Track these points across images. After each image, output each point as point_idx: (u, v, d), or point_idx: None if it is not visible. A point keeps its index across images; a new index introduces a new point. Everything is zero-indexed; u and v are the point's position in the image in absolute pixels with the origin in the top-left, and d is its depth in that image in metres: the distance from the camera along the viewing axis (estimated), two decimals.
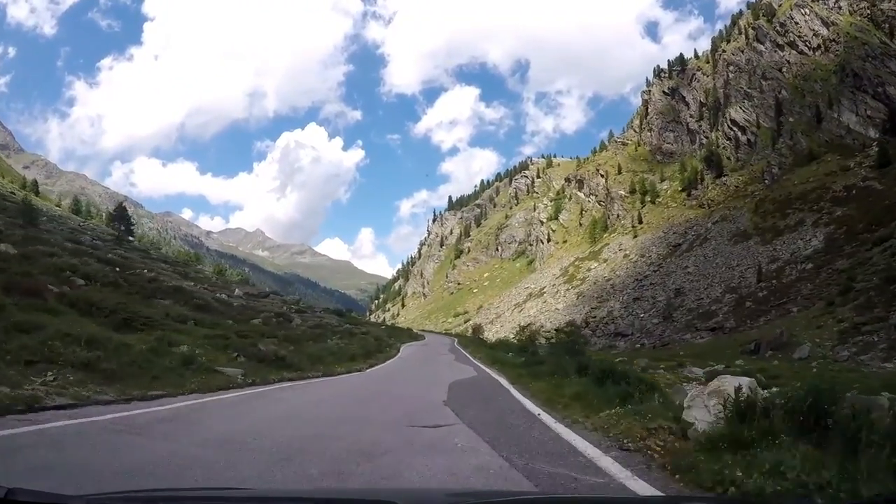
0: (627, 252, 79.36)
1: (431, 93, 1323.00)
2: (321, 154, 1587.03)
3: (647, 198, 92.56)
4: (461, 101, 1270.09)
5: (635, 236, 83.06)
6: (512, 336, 69.51)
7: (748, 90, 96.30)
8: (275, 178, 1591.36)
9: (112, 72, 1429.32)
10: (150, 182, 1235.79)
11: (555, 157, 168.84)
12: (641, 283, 67.22)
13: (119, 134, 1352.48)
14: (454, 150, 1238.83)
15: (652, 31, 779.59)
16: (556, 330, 31.07)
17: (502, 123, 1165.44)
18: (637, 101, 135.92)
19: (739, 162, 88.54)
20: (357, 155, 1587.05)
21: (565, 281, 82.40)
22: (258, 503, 2.23)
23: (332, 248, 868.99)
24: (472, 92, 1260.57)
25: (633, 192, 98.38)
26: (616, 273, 74.83)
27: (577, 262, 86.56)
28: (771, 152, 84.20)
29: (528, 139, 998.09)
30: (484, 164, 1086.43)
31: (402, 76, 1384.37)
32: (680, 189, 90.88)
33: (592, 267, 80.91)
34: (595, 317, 64.25)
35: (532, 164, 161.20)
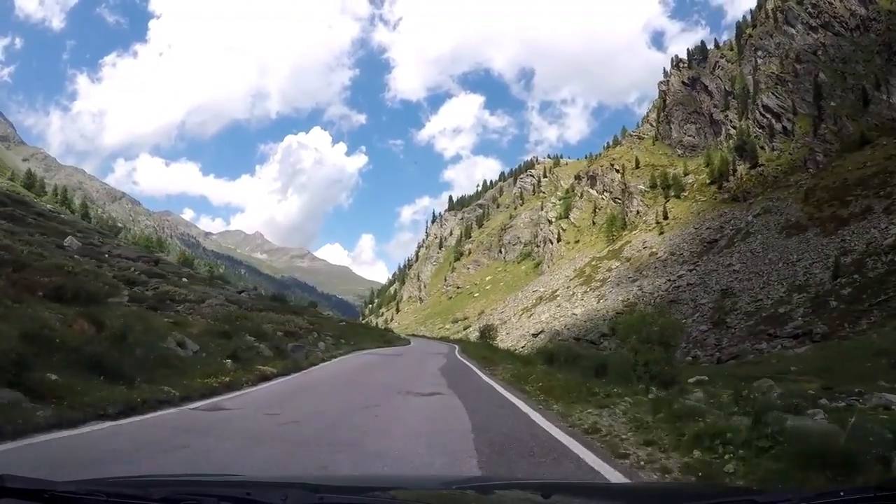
0: (654, 250, 69.53)
1: (436, 99, 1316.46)
2: (324, 158, 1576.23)
3: (671, 192, 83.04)
4: (465, 109, 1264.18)
5: (661, 232, 73.30)
6: (526, 342, 59.17)
7: (781, 75, 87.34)
8: (277, 182, 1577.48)
9: (115, 68, 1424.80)
10: (153, 181, 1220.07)
11: (561, 157, 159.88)
12: (676, 285, 57.35)
13: (119, 130, 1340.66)
14: (457, 158, 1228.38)
15: (658, 40, 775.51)
16: None
17: (506, 132, 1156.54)
18: (641, 112, 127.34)
19: (775, 151, 79.23)
20: (360, 160, 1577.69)
21: (582, 282, 72.43)
22: (248, 489, 1.93)
23: (332, 254, 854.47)
24: (477, 99, 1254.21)
25: (653, 186, 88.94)
26: (642, 273, 64.93)
27: (594, 262, 76.64)
28: (813, 139, 74.99)
29: (532, 148, 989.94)
30: (487, 173, 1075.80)
31: (407, 82, 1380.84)
32: (708, 182, 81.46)
33: (613, 266, 70.98)
34: (622, 322, 54.19)
35: (538, 163, 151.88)
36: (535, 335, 64.82)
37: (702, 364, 32.28)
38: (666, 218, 76.69)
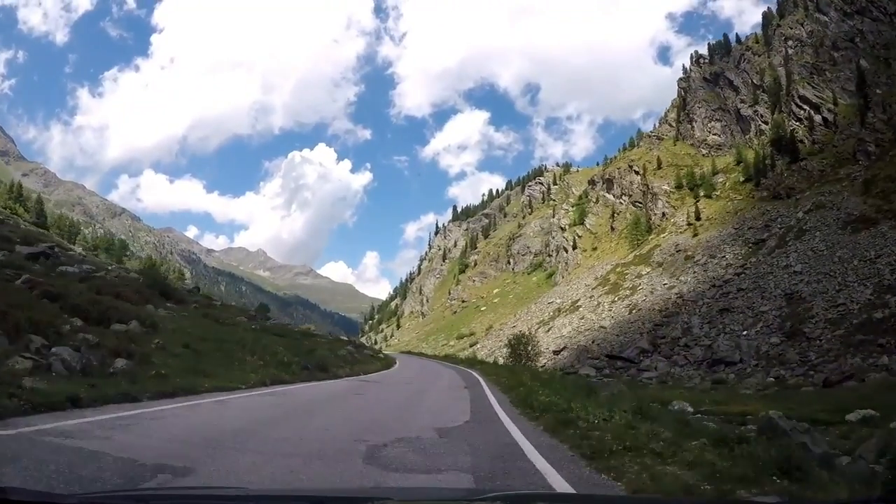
0: (689, 253, 61.32)
1: (441, 115, 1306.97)
2: (329, 174, 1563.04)
3: (701, 192, 75.22)
4: (471, 125, 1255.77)
5: (695, 234, 65.20)
6: (547, 359, 50.53)
7: (817, 64, 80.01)
8: (281, 199, 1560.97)
9: (116, 82, 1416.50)
10: (157, 197, 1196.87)
11: (570, 166, 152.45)
12: (724, 291, 49.03)
13: (120, 145, 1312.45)
14: (462, 175, 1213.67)
15: (664, 55, 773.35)
16: None
17: (511, 148, 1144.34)
18: (647, 128, 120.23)
19: (817, 144, 71.41)
20: (365, 178, 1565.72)
21: (607, 291, 64.08)
22: (250, 502, 2.05)
23: (336, 271, 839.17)
24: (482, 115, 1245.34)
25: (679, 186, 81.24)
26: (679, 279, 56.68)
27: (619, 269, 68.36)
28: (860, 129, 67.23)
29: (537, 164, 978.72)
30: (492, 189, 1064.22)
31: (412, 97, 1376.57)
32: (742, 179, 73.65)
33: (644, 273, 62.70)
34: (665, 336, 45.81)
35: (547, 170, 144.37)
36: (556, 352, 56.36)
37: (802, 389, 23.92)
38: (698, 219, 68.62)
